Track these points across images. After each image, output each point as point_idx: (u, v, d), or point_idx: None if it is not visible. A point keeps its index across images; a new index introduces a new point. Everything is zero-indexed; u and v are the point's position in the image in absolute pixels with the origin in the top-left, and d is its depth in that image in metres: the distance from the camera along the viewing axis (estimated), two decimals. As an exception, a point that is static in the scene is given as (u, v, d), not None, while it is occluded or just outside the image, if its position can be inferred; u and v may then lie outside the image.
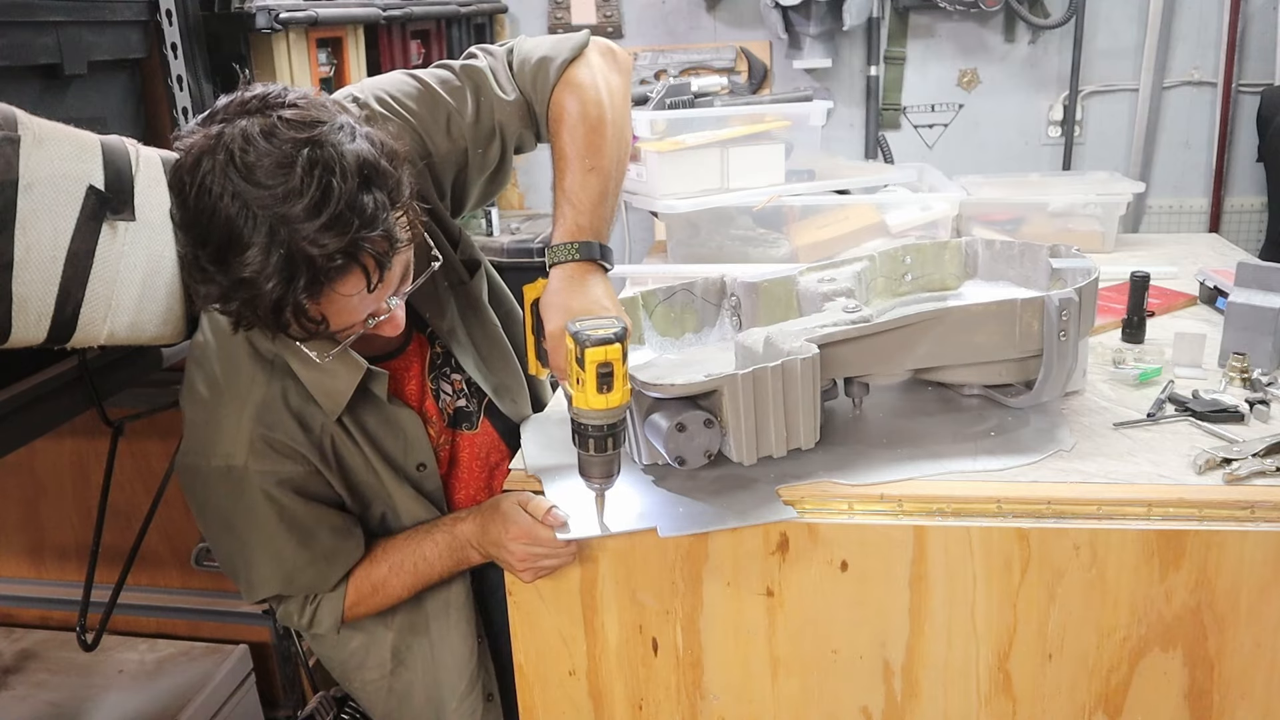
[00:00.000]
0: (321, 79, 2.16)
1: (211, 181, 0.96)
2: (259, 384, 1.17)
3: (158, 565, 1.98)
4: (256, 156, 0.96)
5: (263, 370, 1.17)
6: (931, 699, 1.14)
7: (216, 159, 0.96)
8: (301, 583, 1.24)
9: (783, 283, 1.39)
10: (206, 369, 1.20)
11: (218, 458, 1.16)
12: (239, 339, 1.16)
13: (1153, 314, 1.59)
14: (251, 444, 1.16)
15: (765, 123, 2.22)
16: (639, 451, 1.17)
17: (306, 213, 0.95)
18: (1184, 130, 3.12)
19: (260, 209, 0.95)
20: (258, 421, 1.16)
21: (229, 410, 1.16)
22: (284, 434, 1.17)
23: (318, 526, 1.22)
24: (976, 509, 1.09)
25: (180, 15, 1.53)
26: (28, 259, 1.03)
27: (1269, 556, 1.04)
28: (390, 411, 1.25)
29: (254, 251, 0.95)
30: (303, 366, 1.17)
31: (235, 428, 1.16)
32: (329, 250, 0.96)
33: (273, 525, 1.19)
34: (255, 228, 0.95)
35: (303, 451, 1.19)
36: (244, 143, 0.96)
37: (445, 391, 1.35)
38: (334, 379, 1.17)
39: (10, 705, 1.79)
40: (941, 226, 2.11)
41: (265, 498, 1.18)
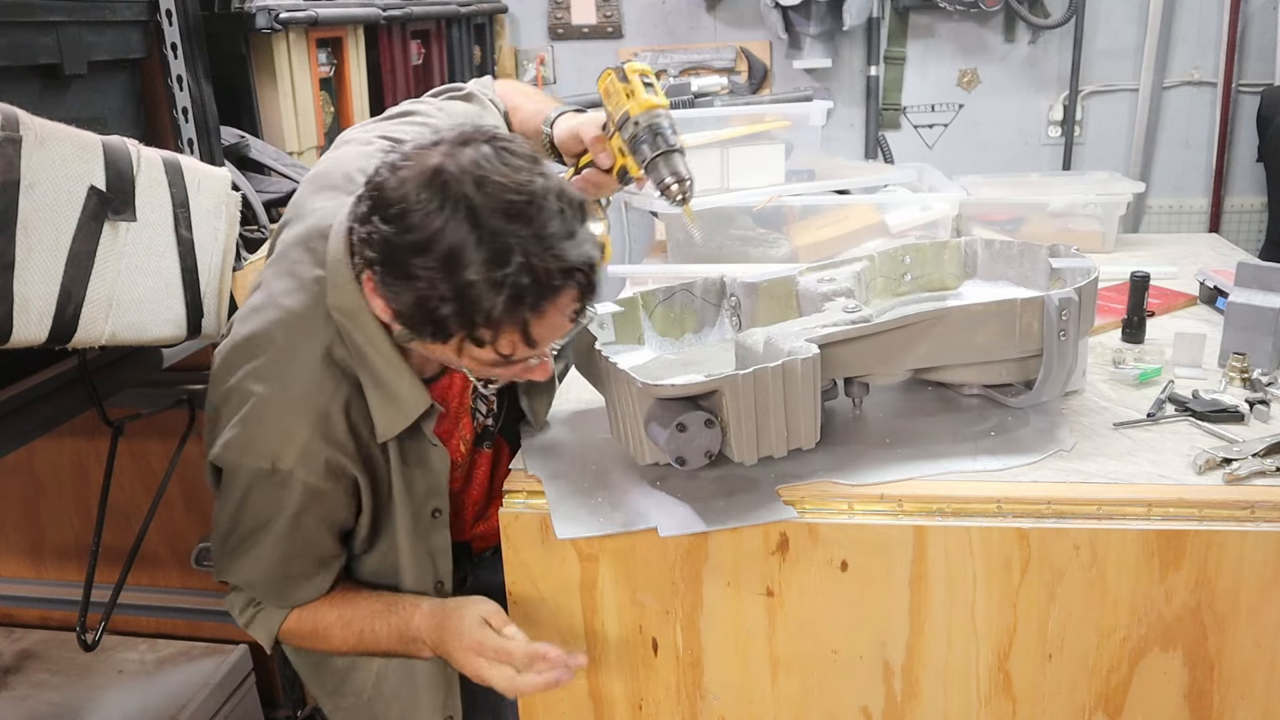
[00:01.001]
0: (321, 79, 2.16)
1: (449, 194, 0.97)
2: (325, 391, 1.12)
3: (158, 565, 1.98)
4: (495, 175, 0.99)
5: (331, 378, 1.12)
6: (931, 699, 1.14)
7: (454, 175, 0.98)
8: (260, 591, 1.22)
9: (783, 283, 1.39)
10: (264, 363, 1.13)
11: (264, 458, 1.11)
12: (314, 340, 1.12)
13: (1153, 314, 1.59)
14: (304, 452, 1.11)
15: (765, 123, 2.22)
16: (639, 452, 1.17)
17: (540, 229, 0.98)
18: (1184, 130, 3.12)
19: (497, 222, 0.97)
20: (315, 431, 1.11)
21: (287, 412, 1.11)
22: (339, 449, 1.12)
23: (308, 553, 1.19)
24: (976, 509, 1.09)
25: (180, 15, 1.52)
26: (29, 259, 1.03)
27: (1269, 556, 1.04)
28: (427, 447, 1.20)
29: (487, 262, 0.97)
30: (372, 384, 1.13)
31: (291, 431, 1.10)
32: (559, 267, 0.99)
33: (279, 538, 1.16)
34: (491, 240, 0.97)
35: (350, 469, 1.14)
36: (483, 163, 0.99)
37: (480, 411, 1.33)
38: (397, 405, 1.14)
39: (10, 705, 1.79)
40: (941, 226, 2.11)
41: (294, 509, 1.14)
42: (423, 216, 0.97)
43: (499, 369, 1.09)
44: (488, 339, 1.01)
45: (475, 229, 0.97)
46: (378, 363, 1.12)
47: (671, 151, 1.19)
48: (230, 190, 1.35)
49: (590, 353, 1.26)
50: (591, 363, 1.28)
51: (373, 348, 1.11)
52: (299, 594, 1.21)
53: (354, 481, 1.16)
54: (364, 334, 1.11)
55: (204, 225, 1.29)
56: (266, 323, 1.14)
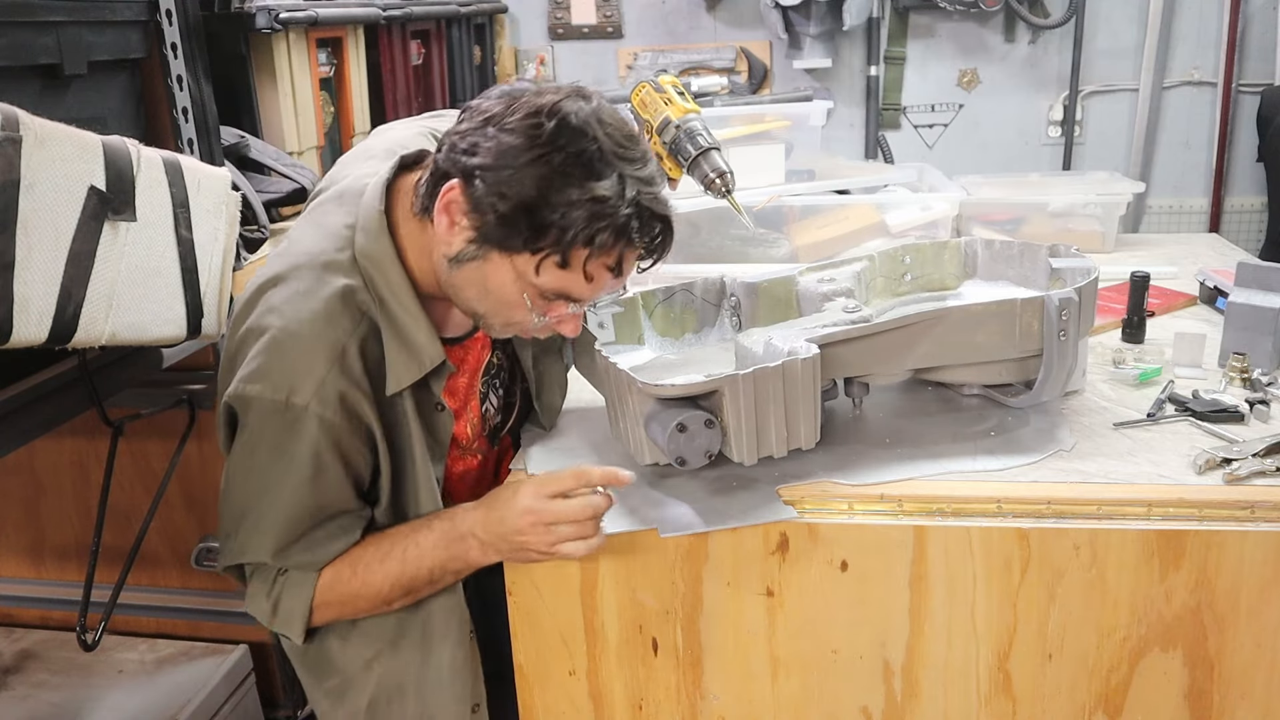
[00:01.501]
0: (321, 79, 2.16)
1: (575, 121, 1.03)
2: (344, 328, 1.11)
3: (158, 565, 1.98)
4: (611, 119, 1.07)
5: (350, 317, 1.11)
6: (931, 699, 1.14)
7: (576, 109, 1.04)
8: (293, 556, 1.15)
9: (783, 283, 1.39)
10: (285, 300, 1.12)
11: (279, 390, 1.08)
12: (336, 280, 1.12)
13: (1153, 314, 1.59)
14: (321, 386, 1.08)
15: (765, 123, 2.22)
16: (639, 451, 1.17)
17: (649, 177, 1.07)
18: (1184, 130, 3.12)
19: (617, 156, 1.04)
20: (334, 365, 1.09)
21: (306, 345, 1.09)
22: (355, 386, 1.11)
23: (338, 502, 1.15)
24: (976, 509, 1.09)
25: (180, 15, 1.52)
26: (29, 259, 1.03)
27: (1269, 556, 1.04)
28: (430, 409, 1.20)
29: (612, 181, 1.04)
30: (391, 331, 1.13)
31: (309, 364, 1.08)
32: (660, 213, 1.08)
33: (303, 481, 1.11)
34: (614, 167, 1.04)
35: (366, 412, 1.12)
36: (601, 107, 1.07)
37: (492, 403, 1.32)
38: (412, 353, 1.14)
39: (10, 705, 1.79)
40: (941, 226, 2.11)
41: (312, 448, 1.10)
42: (552, 133, 1.02)
43: (547, 306, 1.10)
44: (575, 261, 1.05)
45: (600, 154, 1.03)
46: (398, 311, 1.13)
47: (711, 149, 1.30)
48: (230, 190, 1.35)
49: (590, 352, 1.26)
50: (591, 363, 1.28)
51: (395, 296, 1.13)
52: (328, 547, 1.16)
53: (369, 432, 1.13)
54: (388, 282, 1.13)
55: (204, 225, 1.29)
56: (289, 265, 1.14)
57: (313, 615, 1.17)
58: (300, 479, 1.11)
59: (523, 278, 1.07)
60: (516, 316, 1.12)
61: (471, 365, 1.28)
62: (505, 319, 1.13)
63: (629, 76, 3.24)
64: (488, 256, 1.07)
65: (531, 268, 1.06)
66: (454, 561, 1.15)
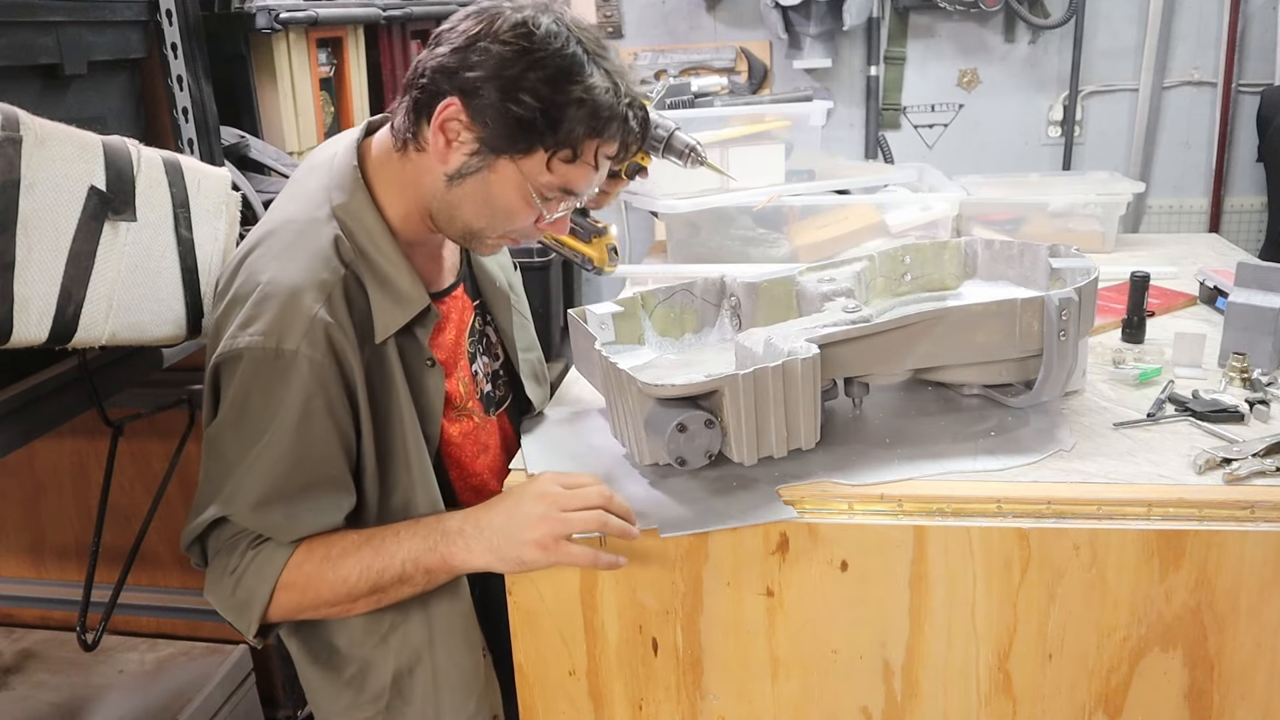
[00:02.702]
0: (321, 79, 2.16)
1: (560, 26, 1.10)
2: (331, 270, 1.12)
3: (158, 565, 1.98)
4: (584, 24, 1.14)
5: (336, 263, 1.13)
6: (931, 699, 1.14)
7: (557, 15, 1.12)
8: (272, 516, 1.11)
9: (782, 283, 1.39)
10: (271, 255, 1.14)
11: (269, 339, 1.08)
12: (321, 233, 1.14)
13: (1153, 314, 1.59)
14: (311, 328, 1.09)
15: (765, 123, 2.22)
16: (639, 452, 1.17)
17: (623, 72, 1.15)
18: (1184, 130, 3.12)
19: (599, 54, 1.12)
20: (320, 305, 1.10)
21: (293, 293, 1.09)
22: (341, 328, 1.11)
23: (325, 463, 1.13)
24: (976, 509, 1.09)
25: (180, 15, 1.52)
26: (29, 259, 1.03)
27: (1269, 556, 1.04)
28: (420, 364, 1.20)
29: (602, 76, 1.11)
30: (374, 279, 1.15)
31: (297, 310, 1.09)
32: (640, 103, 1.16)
33: (290, 429, 1.09)
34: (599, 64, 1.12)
35: (350, 356, 1.12)
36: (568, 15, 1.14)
37: (481, 367, 1.34)
38: (397, 299, 1.16)
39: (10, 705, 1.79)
40: (941, 226, 2.11)
41: (301, 393, 1.09)
42: (543, 39, 1.09)
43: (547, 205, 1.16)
44: (586, 152, 1.12)
45: (587, 54, 1.10)
46: (380, 260, 1.16)
47: (673, 130, 1.40)
48: (230, 190, 1.35)
49: (590, 352, 1.26)
50: (591, 363, 1.28)
51: (375, 246, 1.16)
52: (309, 518, 1.13)
53: (352, 384, 1.13)
54: (368, 232, 1.16)
55: (204, 225, 1.29)
56: (267, 230, 1.17)
57: (273, 598, 1.13)
58: (288, 427, 1.09)
59: (530, 178, 1.12)
60: (517, 223, 1.17)
61: (456, 322, 1.30)
62: (504, 228, 1.18)
63: (629, 76, 3.24)
64: (492, 165, 1.12)
65: (542, 166, 1.12)
66: (429, 555, 1.12)
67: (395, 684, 1.24)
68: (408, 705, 1.25)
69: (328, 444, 1.13)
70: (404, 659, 1.23)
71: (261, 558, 1.13)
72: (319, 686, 1.27)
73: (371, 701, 1.25)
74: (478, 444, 1.32)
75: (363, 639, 1.23)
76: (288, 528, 1.12)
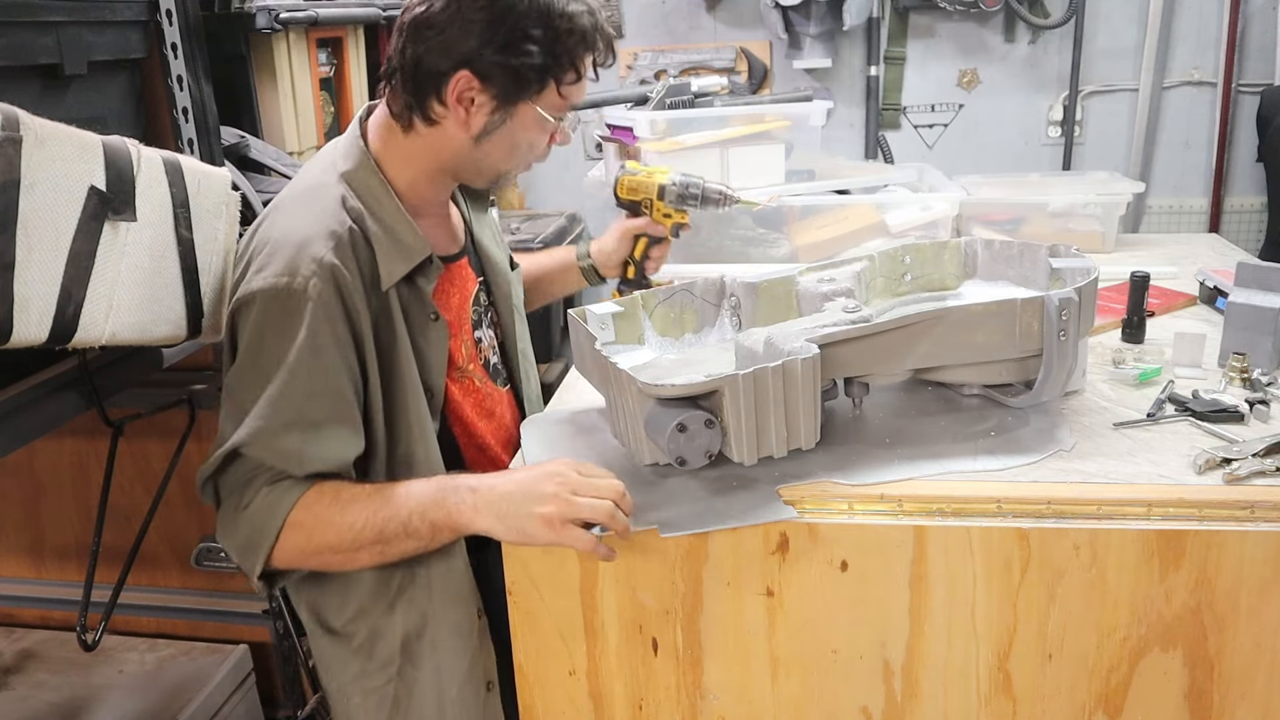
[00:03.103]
0: (321, 79, 2.16)
1: None
2: (339, 220, 1.20)
3: (158, 565, 1.98)
4: None
5: (344, 214, 1.21)
6: (931, 699, 1.14)
7: None
8: (282, 448, 1.14)
9: (782, 283, 1.39)
10: (283, 214, 1.23)
11: (281, 277, 1.15)
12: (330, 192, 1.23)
13: (1153, 314, 1.59)
14: (319, 268, 1.15)
15: (765, 123, 2.22)
16: (639, 451, 1.17)
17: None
18: (1184, 130, 3.12)
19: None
20: (328, 247, 1.17)
21: (305, 239, 1.17)
22: (347, 268, 1.18)
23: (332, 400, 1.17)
24: (976, 509, 1.09)
25: (180, 15, 1.52)
26: (29, 259, 1.03)
27: (1269, 556, 1.04)
28: (425, 317, 1.27)
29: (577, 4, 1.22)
30: (379, 230, 1.23)
31: (307, 251, 1.16)
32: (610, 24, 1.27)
33: (299, 365, 1.14)
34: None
35: (358, 303, 1.18)
36: None
37: (486, 336, 1.43)
38: (400, 249, 1.24)
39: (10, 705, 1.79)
40: (941, 226, 2.11)
41: (311, 326, 1.14)
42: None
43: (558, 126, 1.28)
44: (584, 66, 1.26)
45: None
46: (383, 215, 1.25)
47: (705, 184, 1.53)
48: (230, 190, 1.35)
49: (590, 352, 1.26)
50: (591, 362, 1.28)
51: (379, 204, 1.25)
52: (320, 450, 1.16)
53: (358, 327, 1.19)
54: (372, 192, 1.25)
55: (204, 225, 1.29)
56: (283, 198, 1.28)
57: (280, 537, 1.15)
58: (299, 359, 1.14)
59: (550, 108, 1.25)
60: (537, 151, 1.31)
61: (460, 288, 1.38)
62: (527, 160, 1.32)
63: (627, 75, 3.24)
64: (513, 113, 1.24)
65: (555, 94, 1.25)
66: (436, 510, 1.14)
67: (405, 649, 1.27)
68: (418, 670, 1.28)
69: (337, 379, 1.17)
70: (411, 623, 1.26)
71: (274, 496, 1.15)
72: (330, 656, 1.31)
73: (382, 668, 1.28)
74: (480, 408, 1.38)
75: (371, 605, 1.26)
76: (299, 458, 1.15)
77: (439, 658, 1.28)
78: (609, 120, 2.25)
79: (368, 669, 1.28)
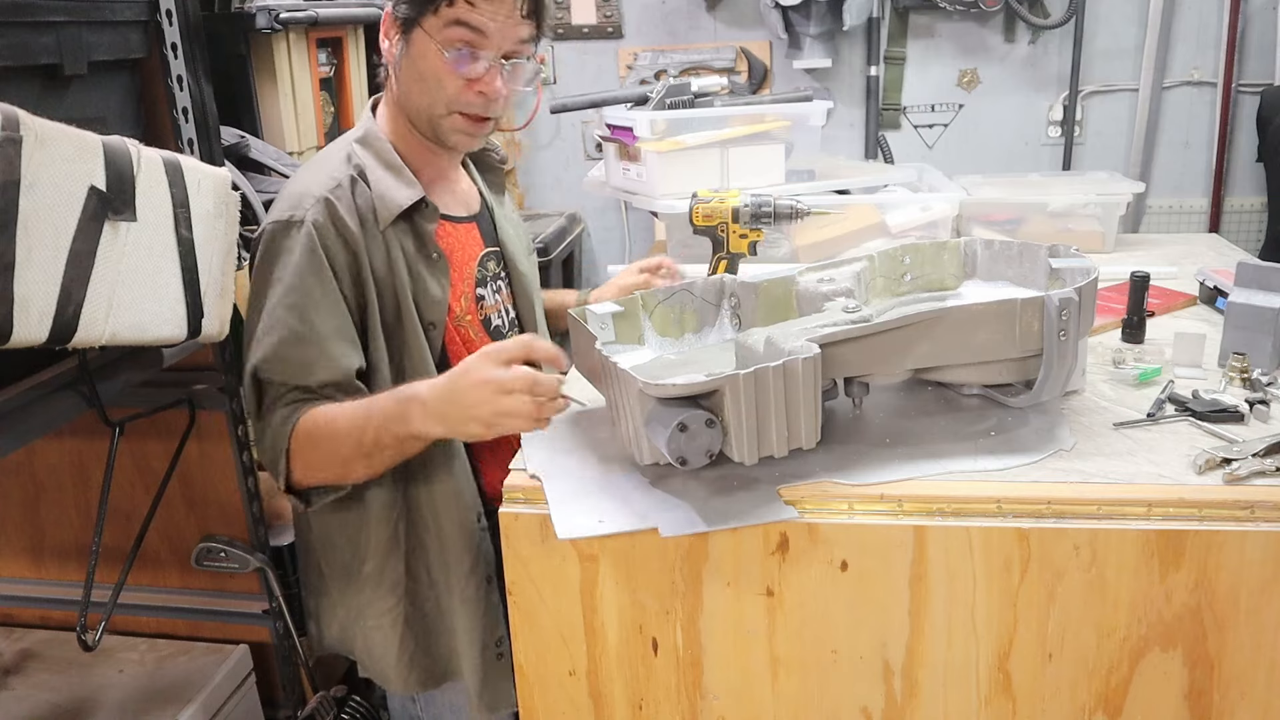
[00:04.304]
0: (321, 79, 2.16)
1: None
2: (341, 170, 1.39)
3: (158, 565, 1.98)
4: None
5: (347, 166, 1.39)
6: (931, 699, 1.14)
7: None
8: (289, 352, 1.31)
9: (782, 283, 1.39)
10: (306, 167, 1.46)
11: (285, 213, 1.35)
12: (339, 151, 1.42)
13: (1153, 314, 1.59)
14: (317, 201, 1.34)
15: (765, 123, 2.22)
16: (639, 451, 1.17)
17: None
18: (1184, 130, 3.12)
19: None
20: (328, 189, 1.36)
21: (309, 183, 1.37)
22: (346, 211, 1.35)
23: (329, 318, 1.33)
24: (976, 509, 1.09)
25: (180, 15, 1.52)
26: (29, 259, 1.03)
27: (1269, 556, 1.04)
28: (428, 254, 1.42)
29: None
30: (376, 175, 1.39)
31: (309, 192, 1.36)
32: None
33: (296, 284, 1.32)
34: None
35: (353, 238, 1.35)
36: None
37: (490, 296, 1.54)
38: (395, 192, 1.39)
39: (10, 705, 1.79)
40: (941, 226, 2.11)
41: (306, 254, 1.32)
42: None
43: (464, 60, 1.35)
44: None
45: None
46: (384, 164, 1.41)
47: (776, 201, 1.61)
48: (230, 190, 1.35)
49: (590, 352, 1.26)
50: (591, 362, 1.28)
51: (380, 157, 1.42)
52: (323, 359, 1.32)
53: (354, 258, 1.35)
54: (375, 150, 1.42)
55: (204, 225, 1.29)
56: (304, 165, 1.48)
57: (290, 453, 1.32)
58: (297, 280, 1.31)
59: (437, 37, 1.34)
60: (448, 88, 1.37)
61: (464, 246, 1.51)
62: (446, 101, 1.38)
63: (627, 75, 3.24)
64: (411, 41, 1.36)
65: (441, 23, 1.33)
66: (398, 423, 1.25)
67: (409, 570, 1.46)
68: (419, 584, 1.46)
69: (334, 300, 1.34)
70: (412, 541, 1.45)
71: (282, 415, 1.33)
72: (343, 587, 1.49)
73: (391, 589, 1.46)
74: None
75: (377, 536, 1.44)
76: (305, 368, 1.32)
77: (447, 555, 1.44)
78: (609, 120, 2.25)
79: (379, 593, 1.46)
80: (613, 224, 3.38)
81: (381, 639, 1.50)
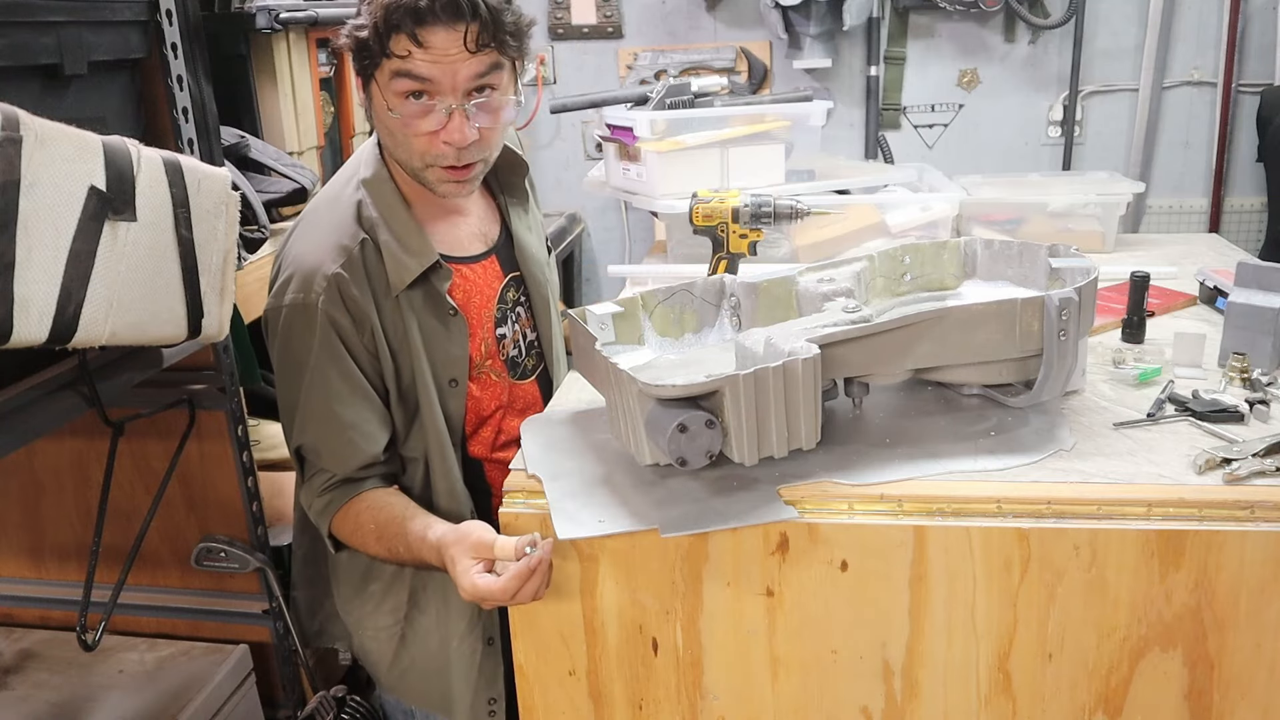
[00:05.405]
0: (321, 79, 2.16)
1: None
2: (350, 235, 1.35)
3: (158, 565, 1.98)
4: None
5: (357, 228, 1.35)
6: (931, 699, 1.14)
7: None
8: (334, 444, 1.35)
9: (782, 283, 1.39)
10: (310, 223, 1.39)
11: (297, 294, 1.33)
12: (347, 204, 1.37)
13: (1153, 314, 1.59)
14: (328, 285, 1.32)
15: (765, 123, 2.22)
16: (639, 452, 1.17)
17: None
18: (1184, 130, 3.12)
19: None
20: (338, 264, 1.32)
21: (317, 255, 1.33)
22: (356, 284, 1.33)
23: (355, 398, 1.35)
24: (976, 509, 1.09)
25: (180, 15, 1.52)
26: (29, 259, 1.03)
27: (1269, 556, 1.04)
28: (444, 314, 1.39)
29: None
30: (390, 237, 1.35)
31: (318, 267, 1.32)
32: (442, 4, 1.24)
33: (320, 371, 1.33)
34: None
35: (367, 309, 1.33)
36: None
37: (510, 332, 1.52)
38: (409, 254, 1.36)
39: (10, 705, 1.79)
40: (941, 226, 2.11)
41: (323, 340, 1.32)
42: None
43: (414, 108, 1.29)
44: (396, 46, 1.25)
45: None
46: (394, 224, 1.36)
47: (776, 201, 1.59)
48: (230, 190, 1.35)
49: (590, 352, 1.26)
50: (591, 363, 1.28)
51: (391, 213, 1.37)
52: (357, 450, 1.35)
53: (372, 329, 1.34)
54: (385, 202, 1.37)
55: (204, 225, 1.29)
56: (312, 206, 1.42)
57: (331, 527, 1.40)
58: (319, 366, 1.33)
59: (386, 91, 1.29)
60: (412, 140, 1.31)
61: (483, 288, 1.47)
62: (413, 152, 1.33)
63: (627, 75, 3.24)
64: (371, 95, 1.33)
65: (386, 76, 1.29)
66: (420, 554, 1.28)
67: (411, 598, 1.47)
68: (422, 615, 1.47)
69: (354, 385, 1.35)
70: (420, 577, 1.46)
71: (322, 502, 1.38)
72: (348, 596, 1.52)
73: (391, 612, 1.48)
74: (497, 401, 1.49)
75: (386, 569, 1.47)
76: (339, 458, 1.36)
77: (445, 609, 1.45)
78: (609, 120, 2.25)
79: (380, 609, 1.48)
80: (613, 224, 3.38)
81: (377, 648, 1.52)
